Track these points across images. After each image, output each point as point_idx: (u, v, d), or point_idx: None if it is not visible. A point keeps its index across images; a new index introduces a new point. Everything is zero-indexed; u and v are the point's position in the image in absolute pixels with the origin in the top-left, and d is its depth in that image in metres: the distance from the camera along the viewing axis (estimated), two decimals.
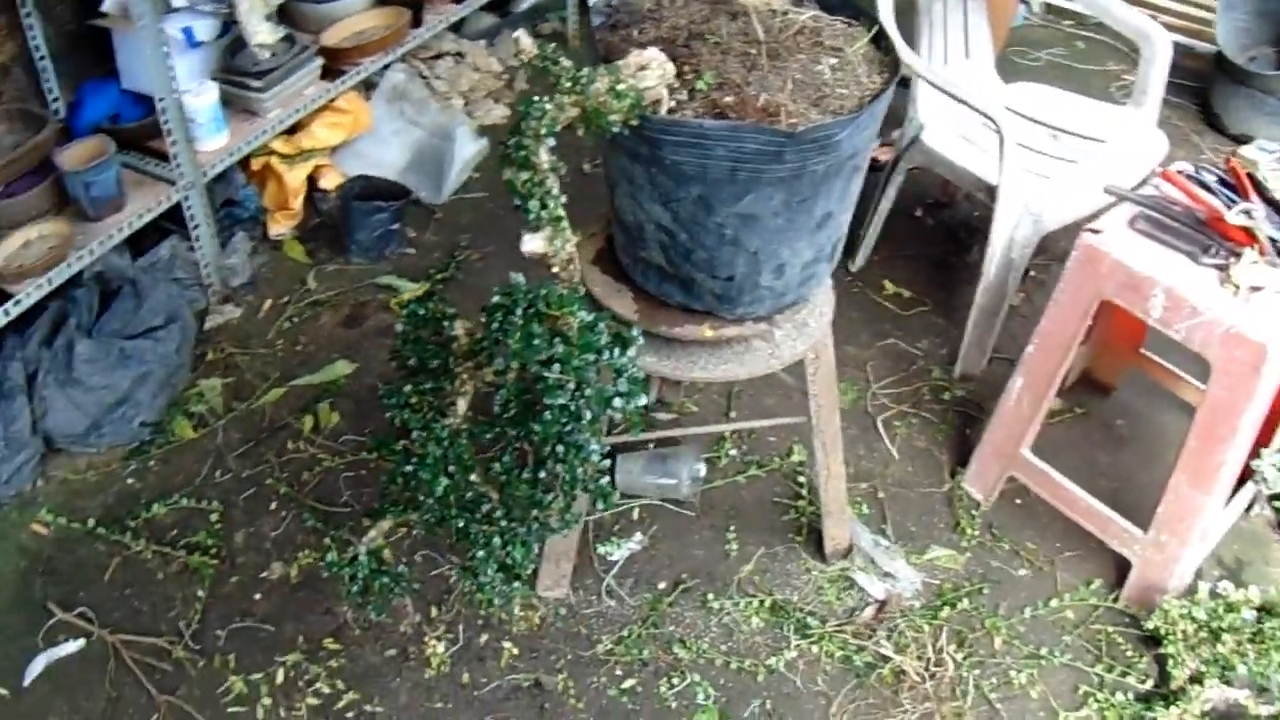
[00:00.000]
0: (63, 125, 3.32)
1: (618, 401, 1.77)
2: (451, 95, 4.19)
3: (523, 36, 1.86)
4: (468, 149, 3.96)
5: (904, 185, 3.42)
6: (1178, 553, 2.61)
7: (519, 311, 1.77)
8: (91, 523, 2.89)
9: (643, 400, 1.78)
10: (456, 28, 4.33)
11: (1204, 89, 4.40)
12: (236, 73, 3.44)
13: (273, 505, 2.94)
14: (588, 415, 1.76)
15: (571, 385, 1.74)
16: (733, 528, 2.87)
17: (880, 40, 2.15)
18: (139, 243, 3.36)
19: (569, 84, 1.78)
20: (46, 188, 3.08)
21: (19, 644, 2.64)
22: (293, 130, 3.63)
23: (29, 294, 2.93)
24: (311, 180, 3.78)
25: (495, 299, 1.81)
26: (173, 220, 3.37)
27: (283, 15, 3.56)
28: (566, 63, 1.81)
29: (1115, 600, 2.74)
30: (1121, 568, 2.75)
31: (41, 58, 3.30)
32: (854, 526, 2.82)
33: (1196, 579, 2.70)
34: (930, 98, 3.25)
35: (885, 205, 3.45)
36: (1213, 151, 4.14)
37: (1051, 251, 3.47)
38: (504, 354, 1.80)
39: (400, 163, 3.96)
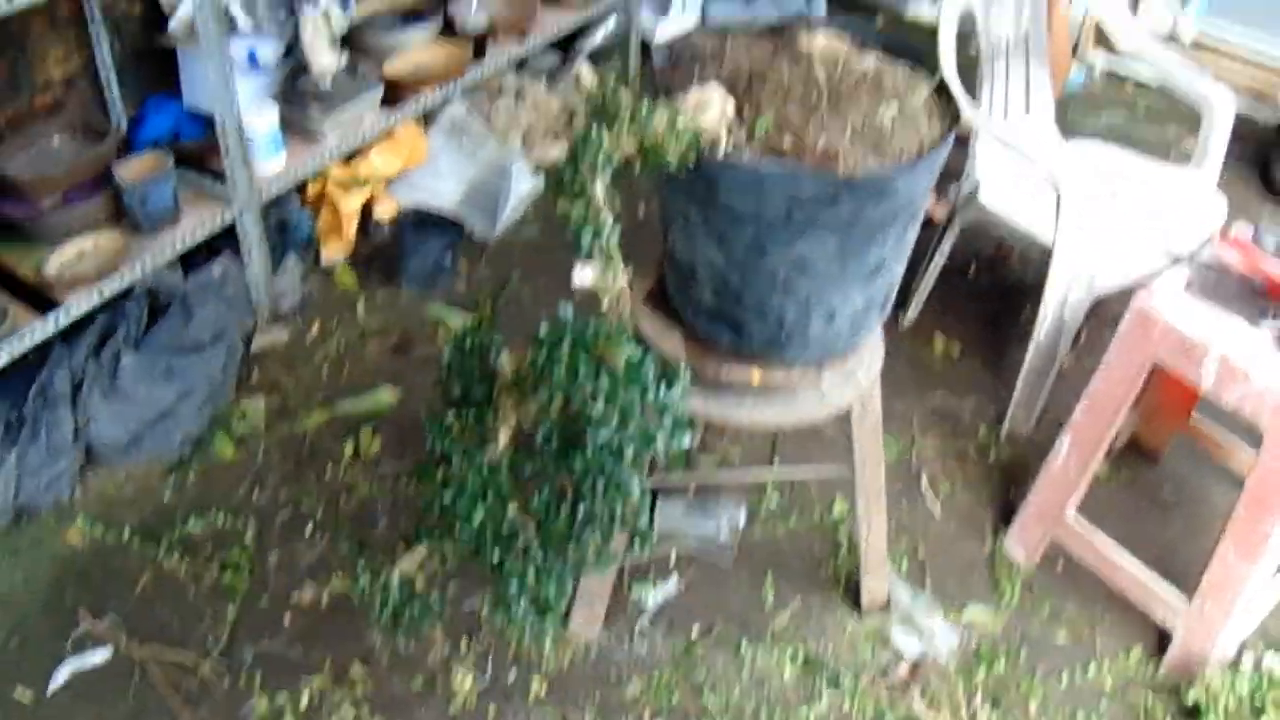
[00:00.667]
0: (124, 139, 3.36)
1: (661, 440, 1.75)
2: (510, 132, 4.19)
3: (584, 69, 1.86)
4: (523, 186, 3.97)
5: (958, 242, 3.40)
6: (1222, 624, 2.56)
7: (566, 344, 1.76)
8: (127, 534, 2.89)
9: (686, 440, 1.77)
10: (519, 66, 4.36)
11: (1265, 157, 4.36)
12: (297, 97, 3.47)
13: (308, 528, 2.93)
14: (630, 452, 1.74)
15: (615, 421, 1.72)
16: (771, 577, 2.84)
17: (941, 90, 2.14)
18: (191, 260, 3.38)
19: (629, 118, 1.77)
20: (104, 199, 3.11)
21: (47, 650, 2.63)
22: (350, 158, 3.66)
23: (79, 304, 2.95)
24: (366, 208, 3.79)
25: (543, 331, 1.80)
26: (226, 240, 3.38)
27: (346, 43, 3.59)
28: (627, 96, 1.81)
29: (1155, 670, 2.69)
30: (1163, 637, 2.70)
31: (107, 72, 3.35)
32: (893, 581, 2.79)
33: (1240, 652, 2.65)
34: (988, 154, 3.24)
35: (939, 261, 3.43)
36: (1271, 219, 4.09)
37: (1104, 315, 3.43)
38: (548, 386, 1.79)
39: (455, 196, 3.97)
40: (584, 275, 1.81)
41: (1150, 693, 2.65)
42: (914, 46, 2.20)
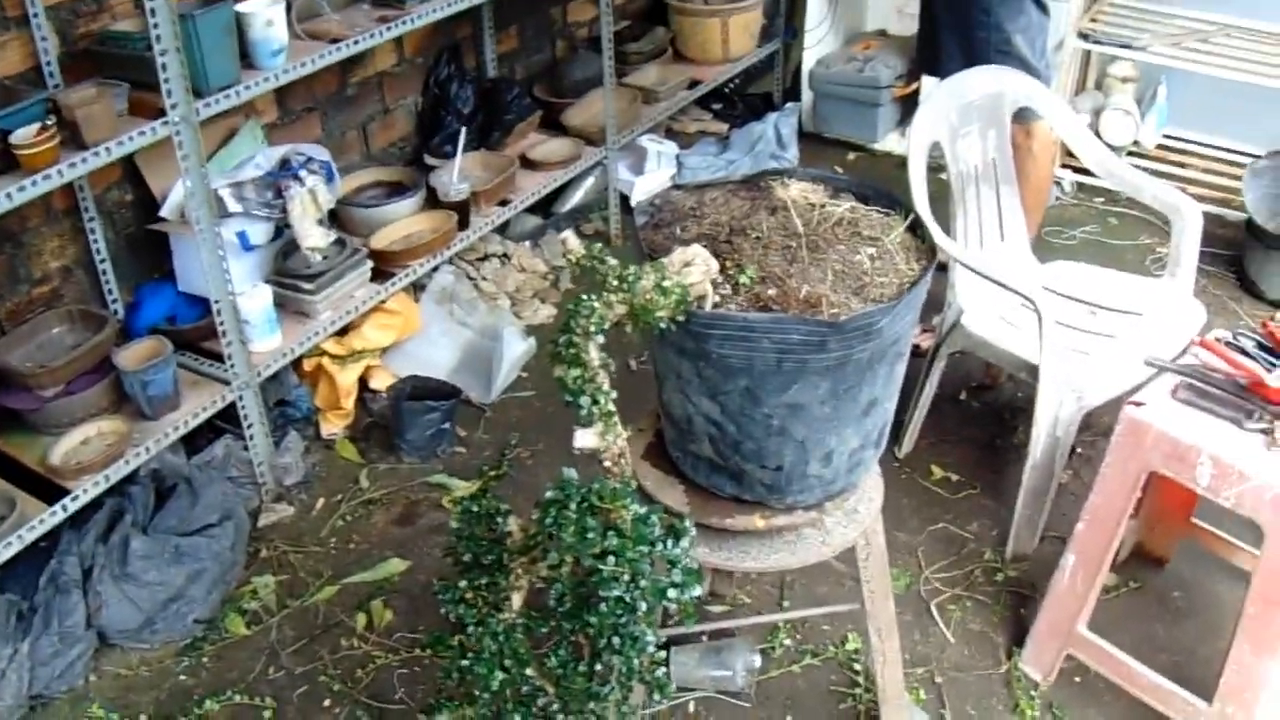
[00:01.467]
0: (121, 325, 3.43)
1: (672, 592, 1.78)
2: (498, 295, 4.28)
3: (570, 237, 1.92)
4: (516, 349, 4.03)
5: (947, 370, 3.45)
6: None
7: (573, 506, 1.80)
8: (144, 719, 2.89)
9: (697, 591, 1.80)
10: (502, 230, 4.45)
11: (1238, 256, 4.45)
12: (289, 275, 3.54)
13: (326, 702, 2.93)
14: (643, 606, 1.77)
15: (626, 577, 1.75)
16: (790, 718, 2.84)
17: (916, 228, 2.21)
18: (194, 441, 3.43)
19: (616, 282, 1.83)
20: (105, 386, 3.17)
21: None
22: (344, 331, 3.72)
23: (86, 490, 2.99)
24: (363, 380, 3.85)
25: (549, 494, 1.83)
26: (227, 419, 3.44)
27: (333, 220, 3.68)
28: (613, 261, 1.87)
29: None
30: None
31: (102, 260, 3.43)
32: (912, 713, 2.79)
33: None
34: (968, 282, 3.30)
35: (929, 390, 3.48)
36: (1250, 317, 4.16)
37: (1097, 427, 3.48)
38: (558, 548, 1.82)
39: (450, 362, 4.03)
40: (586, 439, 1.86)
41: None
42: (885, 190, 2.27)
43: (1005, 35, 3.64)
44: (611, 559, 1.75)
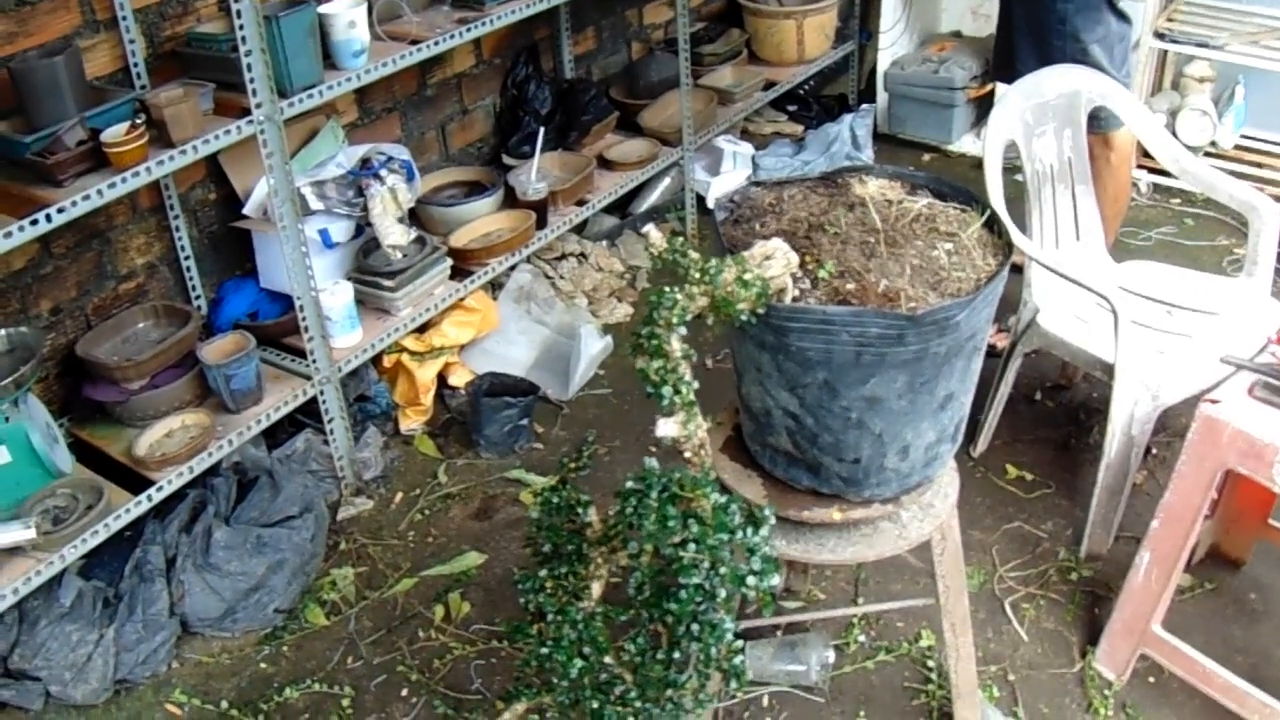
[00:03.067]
0: (205, 321, 3.51)
1: (751, 580, 1.80)
2: (576, 294, 4.32)
3: (652, 230, 1.95)
4: (593, 347, 4.06)
5: (1022, 369, 3.45)
6: None
7: (654, 495, 1.82)
8: (225, 705, 2.95)
9: (775, 579, 1.82)
10: (579, 229, 4.49)
11: None
12: (370, 272, 3.59)
13: (404, 692, 2.98)
14: (722, 593, 1.79)
15: (706, 564, 1.78)
16: (863, 713, 2.85)
17: (993, 224, 2.22)
18: (275, 434, 3.50)
19: (698, 275, 1.85)
20: (189, 380, 3.24)
21: None
22: (423, 328, 3.77)
23: (170, 481, 3.06)
24: (441, 377, 3.90)
25: (629, 484, 1.86)
26: (308, 414, 3.50)
27: (414, 218, 3.73)
28: (694, 254, 1.90)
29: None
30: None
31: (187, 257, 3.50)
32: (986, 710, 2.79)
33: None
34: (1044, 281, 3.30)
35: (1005, 390, 3.47)
36: None
37: (1173, 428, 3.46)
38: (638, 537, 1.85)
39: (527, 360, 4.08)
40: (667, 428, 1.88)
41: None
42: (962, 187, 2.28)
43: (1082, 45, 3.62)
44: (692, 546, 1.78)
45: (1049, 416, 3.79)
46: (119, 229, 3.35)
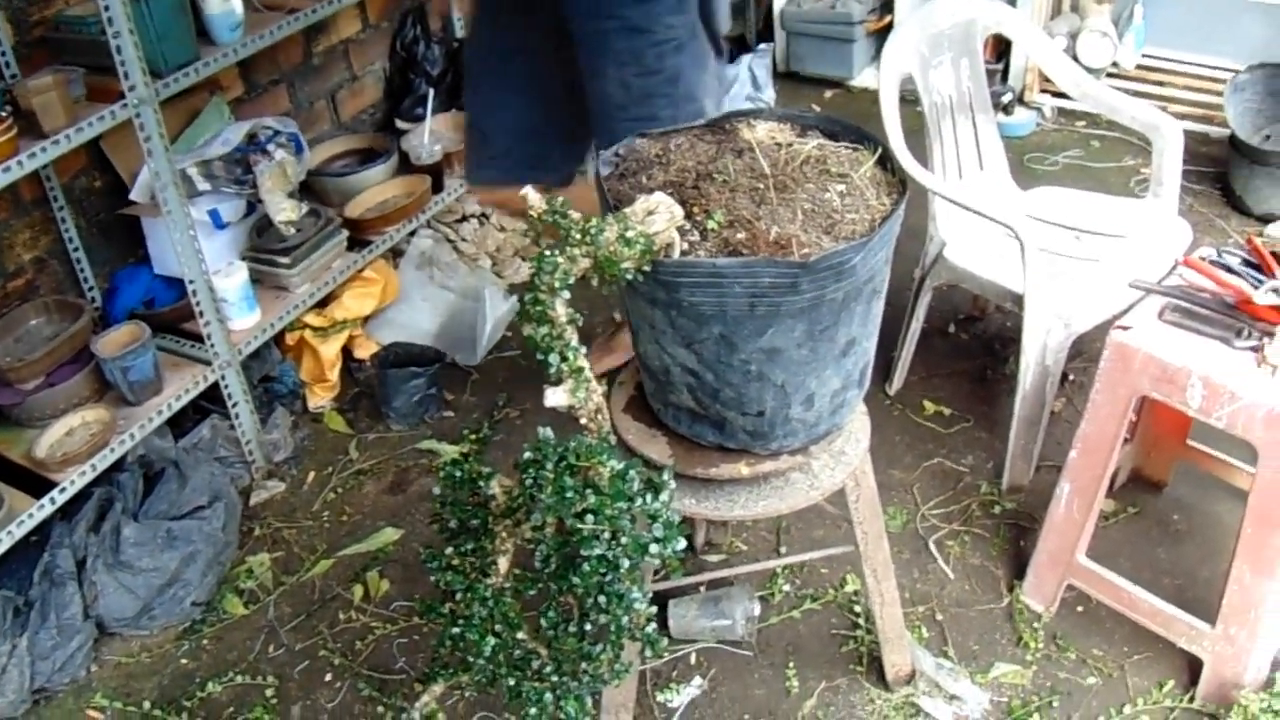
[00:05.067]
0: (100, 312, 3.41)
1: (654, 548, 1.75)
2: (479, 256, 4.25)
3: (530, 192, 1.88)
4: (499, 308, 4.00)
5: (933, 303, 3.42)
6: (1249, 645, 2.54)
7: (550, 465, 1.77)
8: (147, 705, 2.89)
9: (681, 544, 1.77)
10: None
11: (1223, 173, 4.40)
12: (264, 251, 3.51)
13: (328, 676, 2.92)
14: (626, 564, 1.74)
15: (607, 535, 1.73)
16: (792, 664, 2.83)
17: (887, 162, 2.17)
18: (180, 423, 3.41)
19: (579, 236, 1.79)
20: (86, 375, 3.14)
21: None
22: (324, 303, 3.69)
23: (74, 481, 2.98)
24: (346, 351, 3.83)
25: (526, 454, 1.81)
26: (211, 400, 3.41)
27: (305, 191, 3.63)
28: (575, 214, 1.83)
29: (1191, 700, 2.66)
30: (1194, 666, 2.68)
31: (75, 249, 3.39)
32: (915, 651, 2.77)
33: (1274, 670, 2.62)
34: (949, 214, 3.27)
35: (916, 325, 3.44)
36: (1238, 234, 4.13)
37: (1088, 354, 3.45)
38: (539, 509, 1.80)
39: (433, 327, 4.00)
40: (557, 396, 1.83)
41: None
42: (853, 125, 2.23)
43: (699, 107, 2.89)
44: (591, 517, 1.73)
45: (963, 349, 3.78)
46: (1, 224, 3.24)
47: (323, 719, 2.81)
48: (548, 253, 1.78)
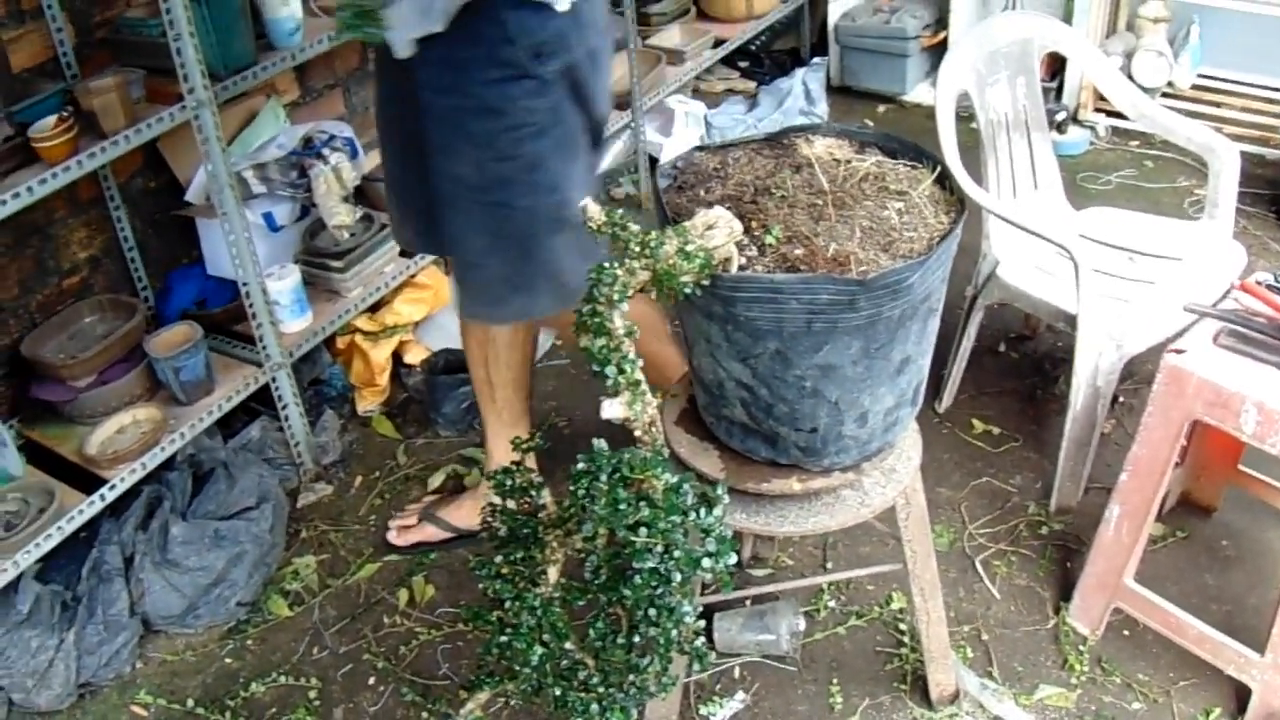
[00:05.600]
0: (152, 312, 3.44)
1: (706, 562, 1.75)
2: None
3: (589, 204, 1.89)
4: None
5: (984, 322, 3.41)
6: None
7: (604, 477, 1.77)
8: (190, 703, 2.90)
9: (732, 559, 1.77)
10: None
11: (1278, 195, 4.36)
12: (317, 254, 3.53)
13: (371, 680, 2.93)
14: (678, 577, 1.74)
15: (660, 548, 1.73)
16: (836, 680, 2.82)
17: (945, 180, 2.16)
18: (229, 424, 3.43)
19: (638, 248, 1.80)
20: (138, 374, 3.17)
21: None
22: (375, 308, 3.71)
23: (124, 479, 3.00)
24: (397, 356, 3.84)
25: (579, 466, 1.81)
26: (262, 401, 3.43)
27: (359, 196, 3.65)
28: (635, 227, 1.84)
29: None
30: (1241, 694, 2.65)
31: (130, 248, 3.43)
32: (959, 671, 2.76)
33: None
34: (1003, 232, 3.25)
35: (967, 344, 3.43)
36: None
37: (1139, 375, 3.43)
38: (591, 520, 1.80)
39: None
40: (613, 409, 1.83)
41: None
42: (911, 143, 2.23)
43: (562, 198, 2.55)
44: (644, 530, 1.73)
45: (1014, 369, 3.76)
46: (58, 223, 3.28)
47: None
48: (606, 265, 1.78)
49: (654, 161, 4.81)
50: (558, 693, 1.95)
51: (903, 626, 2.93)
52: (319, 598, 3.17)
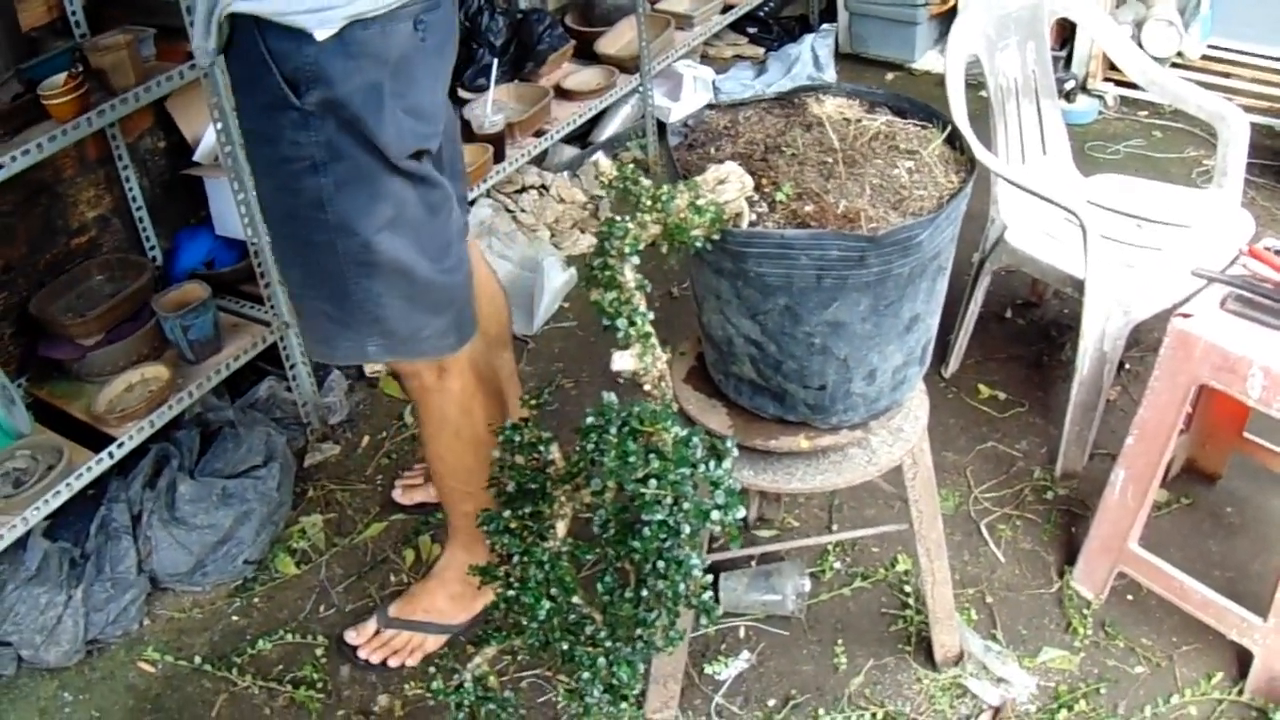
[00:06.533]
0: (160, 271, 3.44)
1: (716, 514, 1.76)
2: (537, 227, 4.26)
3: (601, 159, 1.90)
4: (557, 279, 4.01)
5: (991, 287, 3.40)
6: None
7: (613, 430, 1.78)
8: (198, 660, 2.92)
9: (741, 512, 1.77)
10: (539, 160, 4.42)
11: None
12: None
13: None
14: (687, 529, 1.75)
15: (669, 500, 1.73)
16: (841, 641, 2.83)
17: (955, 140, 2.16)
18: (237, 384, 3.44)
19: (650, 202, 1.80)
20: (146, 333, 3.17)
21: None
22: None
23: (132, 437, 3.02)
24: None
25: (589, 419, 1.81)
26: (270, 360, 3.44)
27: None
28: (646, 182, 1.84)
29: (1240, 693, 2.65)
30: (1243, 659, 2.67)
31: (139, 208, 3.43)
32: (964, 633, 2.77)
33: None
34: (1011, 197, 3.25)
35: (974, 308, 3.43)
36: None
37: (1146, 342, 3.43)
38: (600, 474, 1.81)
39: None
40: (624, 361, 1.83)
41: (1237, 718, 2.62)
42: (922, 103, 2.23)
43: (362, 239, 2.27)
44: (653, 482, 1.73)
45: (1020, 334, 3.76)
46: (67, 182, 3.27)
47: (372, 679, 2.83)
48: (617, 218, 1.78)
49: (662, 126, 4.81)
50: (565, 647, 1.95)
51: (908, 588, 2.94)
52: (326, 556, 3.18)
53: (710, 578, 1.86)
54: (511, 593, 1.98)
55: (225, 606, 3.07)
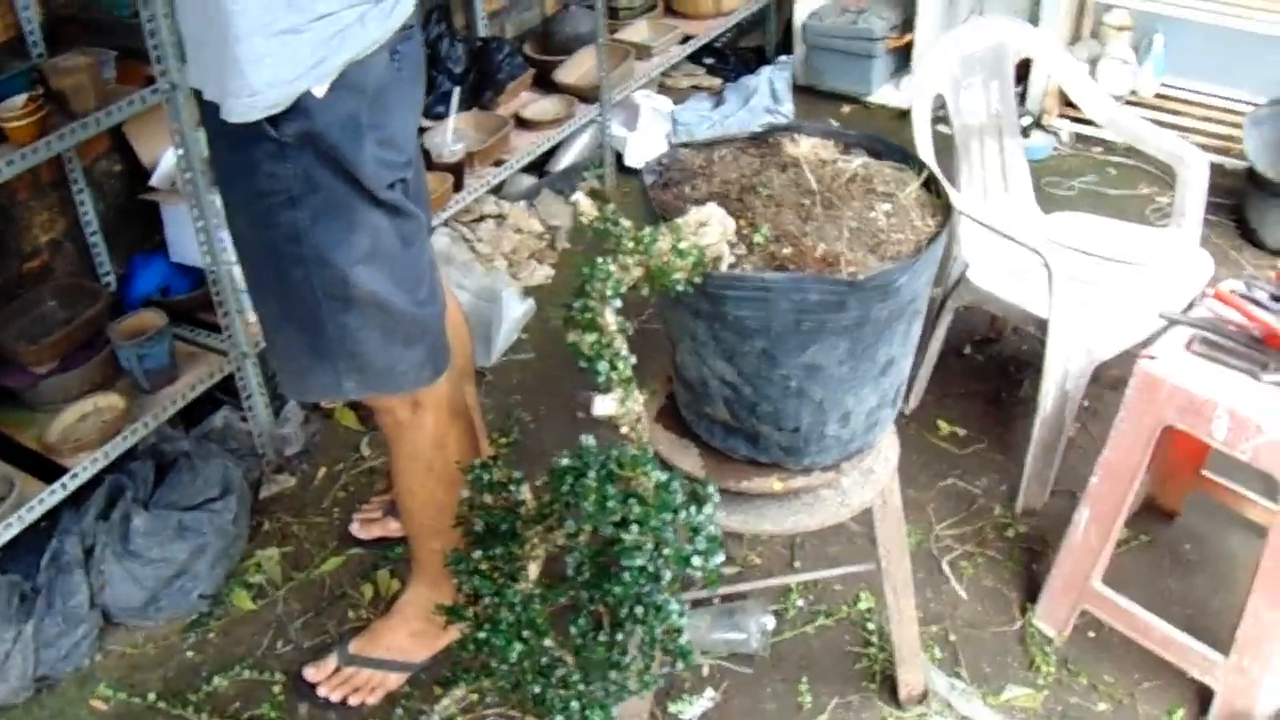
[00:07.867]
0: (114, 298, 3.37)
1: (696, 560, 1.74)
2: (494, 257, 4.23)
3: (581, 199, 1.88)
4: (515, 310, 3.99)
5: (951, 324, 3.42)
6: (1261, 677, 2.54)
7: (592, 474, 1.76)
8: (152, 697, 2.86)
9: (721, 557, 1.76)
10: (496, 190, 4.41)
11: (1238, 205, 4.42)
12: None
13: None
14: (667, 575, 1.73)
15: (650, 546, 1.72)
16: (805, 679, 2.82)
17: (929, 183, 2.17)
18: (193, 414, 3.39)
19: (631, 244, 1.79)
20: (100, 361, 3.12)
21: None
22: None
23: (85, 467, 2.96)
24: None
25: (565, 462, 1.80)
26: (226, 390, 3.39)
27: None
28: (627, 223, 1.83)
29: None
30: (1205, 696, 2.68)
31: (93, 233, 3.38)
32: (928, 671, 2.77)
33: None
34: (974, 235, 3.27)
35: (935, 346, 3.44)
36: (1253, 267, 4.14)
37: (1103, 380, 3.45)
38: (576, 517, 1.79)
39: None
40: (605, 405, 1.82)
41: None
42: (898, 145, 2.23)
43: (340, 273, 2.25)
44: (634, 527, 1.71)
45: (979, 370, 3.78)
46: (20, 205, 3.22)
47: (331, 716, 2.79)
48: (600, 260, 1.77)
49: (619, 156, 4.80)
50: (536, 690, 1.93)
51: (871, 626, 2.94)
52: (282, 591, 3.13)
53: (685, 620, 1.84)
54: (482, 635, 1.95)
55: (180, 642, 3.01)
